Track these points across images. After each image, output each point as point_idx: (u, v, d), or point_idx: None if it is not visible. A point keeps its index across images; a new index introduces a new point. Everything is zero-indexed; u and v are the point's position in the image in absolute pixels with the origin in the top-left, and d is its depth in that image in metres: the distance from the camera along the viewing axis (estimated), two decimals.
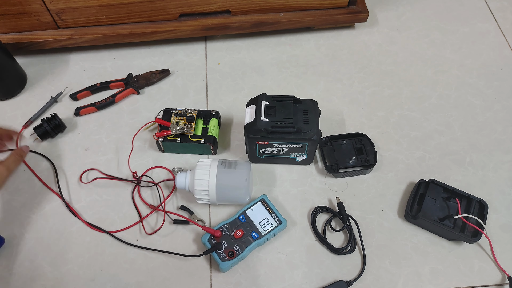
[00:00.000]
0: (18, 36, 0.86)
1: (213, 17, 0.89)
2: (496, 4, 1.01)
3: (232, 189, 0.69)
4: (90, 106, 0.84)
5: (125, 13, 0.86)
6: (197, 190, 0.69)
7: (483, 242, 0.70)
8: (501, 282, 0.68)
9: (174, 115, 0.78)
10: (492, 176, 0.77)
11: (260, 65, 0.91)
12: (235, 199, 0.70)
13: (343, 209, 0.72)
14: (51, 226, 0.73)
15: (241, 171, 0.69)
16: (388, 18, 0.98)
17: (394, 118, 0.84)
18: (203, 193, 0.69)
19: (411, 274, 0.68)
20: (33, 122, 0.83)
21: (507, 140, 0.81)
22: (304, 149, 0.72)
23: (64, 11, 0.83)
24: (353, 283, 0.67)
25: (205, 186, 0.68)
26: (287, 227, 0.72)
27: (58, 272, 0.69)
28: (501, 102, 0.86)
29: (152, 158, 0.79)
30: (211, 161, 0.70)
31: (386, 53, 0.93)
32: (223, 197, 0.69)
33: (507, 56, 0.92)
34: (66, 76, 0.90)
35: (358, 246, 0.70)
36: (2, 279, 0.68)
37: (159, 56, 0.93)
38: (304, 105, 0.70)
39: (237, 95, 0.87)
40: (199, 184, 0.68)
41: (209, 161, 0.70)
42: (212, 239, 0.68)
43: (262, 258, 0.69)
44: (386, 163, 0.78)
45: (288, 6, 0.89)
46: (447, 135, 0.82)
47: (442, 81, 0.89)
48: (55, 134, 0.81)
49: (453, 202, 0.71)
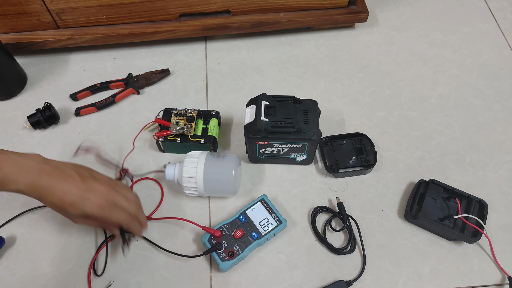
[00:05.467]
0: (18, 36, 0.86)
1: (213, 17, 0.89)
2: (496, 4, 1.01)
3: (219, 177, 0.69)
4: (90, 106, 0.84)
5: (125, 13, 0.86)
6: (185, 177, 0.69)
7: (483, 242, 0.70)
8: (501, 282, 0.68)
9: (174, 115, 0.78)
10: (492, 176, 0.77)
11: (260, 65, 0.91)
12: (223, 188, 0.70)
13: (343, 209, 0.72)
14: (51, 226, 0.73)
15: (229, 162, 0.70)
16: (388, 18, 0.99)
17: (394, 118, 0.84)
18: (190, 180, 0.69)
19: (411, 274, 0.68)
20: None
21: (507, 140, 0.81)
22: (304, 149, 0.72)
23: (64, 11, 0.83)
24: (353, 283, 0.67)
25: (192, 173, 0.68)
26: (287, 227, 0.72)
27: (58, 272, 0.69)
28: (501, 102, 0.86)
29: (152, 158, 0.79)
30: (200, 152, 0.71)
31: (386, 53, 0.93)
32: (211, 187, 0.70)
33: (507, 56, 0.92)
34: (66, 76, 0.90)
35: (358, 246, 0.70)
36: (2, 279, 0.68)
37: (159, 56, 0.93)
38: (304, 105, 0.70)
39: (237, 95, 0.87)
40: (187, 172, 0.69)
41: (199, 152, 0.71)
42: (212, 239, 0.68)
43: (262, 258, 0.69)
44: (386, 163, 0.78)
45: (288, 6, 0.89)
46: (447, 135, 0.82)
47: (442, 81, 0.89)
48: (48, 125, 0.82)
49: (453, 202, 0.71)
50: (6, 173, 0.53)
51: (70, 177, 0.57)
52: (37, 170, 0.55)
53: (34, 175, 0.55)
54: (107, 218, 0.60)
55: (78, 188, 0.57)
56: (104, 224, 0.65)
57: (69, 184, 0.57)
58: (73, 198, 0.57)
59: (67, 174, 0.58)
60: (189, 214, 0.73)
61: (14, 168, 0.54)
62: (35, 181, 0.55)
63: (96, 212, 0.58)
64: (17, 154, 0.56)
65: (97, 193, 0.58)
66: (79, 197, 0.57)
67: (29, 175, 0.54)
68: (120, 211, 0.61)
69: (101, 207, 0.58)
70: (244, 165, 0.78)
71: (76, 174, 0.58)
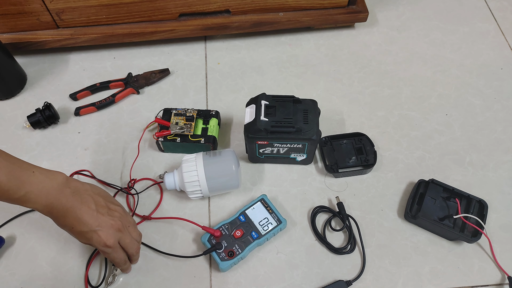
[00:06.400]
0: (18, 36, 0.86)
1: (213, 17, 0.89)
2: (496, 4, 1.01)
3: (221, 173, 0.69)
4: (90, 106, 0.84)
5: (125, 12, 0.86)
6: (188, 183, 0.68)
7: (483, 242, 0.70)
8: (501, 282, 0.68)
9: (174, 115, 0.78)
10: (492, 176, 0.77)
11: (260, 65, 0.91)
12: (227, 184, 0.70)
13: (343, 209, 0.72)
14: (51, 226, 0.72)
15: (227, 157, 0.70)
16: (388, 18, 0.98)
17: (394, 118, 0.84)
18: (194, 184, 0.69)
19: (411, 273, 0.68)
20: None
21: (507, 140, 0.81)
22: (304, 149, 0.72)
23: (64, 10, 0.83)
24: (353, 283, 0.67)
25: (194, 177, 0.68)
26: (287, 227, 0.72)
27: (58, 272, 0.69)
28: (501, 102, 0.86)
29: (152, 158, 0.79)
30: (195, 155, 0.71)
31: (386, 53, 0.93)
32: (215, 185, 0.70)
33: (507, 56, 0.92)
34: (66, 76, 0.90)
35: (358, 246, 0.70)
36: (2, 278, 0.68)
37: (159, 56, 0.93)
38: (304, 105, 0.70)
39: (237, 95, 0.87)
40: (188, 176, 0.68)
41: (194, 155, 0.71)
42: (212, 239, 0.68)
43: (262, 258, 0.69)
44: (386, 163, 0.78)
45: (288, 6, 0.89)
46: (447, 135, 0.82)
47: (442, 81, 0.89)
48: (48, 125, 0.82)
49: (453, 202, 0.71)
50: (28, 194, 0.54)
51: (86, 205, 0.58)
52: (57, 192, 0.56)
53: (53, 197, 0.56)
54: (105, 255, 0.62)
55: (91, 219, 0.58)
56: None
57: (84, 213, 0.58)
58: (83, 229, 0.58)
59: (85, 200, 0.58)
60: (189, 214, 0.73)
61: (37, 190, 0.54)
62: (53, 203, 0.56)
63: (100, 248, 0.60)
64: (43, 172, 0.56)
65: (107, 231, 0.59)
66: (90, 230, 0.58)
67: (48, 198, 0.55)
68: (120, 252, 0.62)
69: (106, 247, 0.60)
70: (244, 165, 0.78)
71: (93, 203, 0.59)
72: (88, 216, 0.58)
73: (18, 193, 0.53)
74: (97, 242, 0.59)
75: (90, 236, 0.58)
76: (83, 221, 0.57)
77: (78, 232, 0.58)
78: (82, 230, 0.58)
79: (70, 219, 0.57)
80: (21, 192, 0.53)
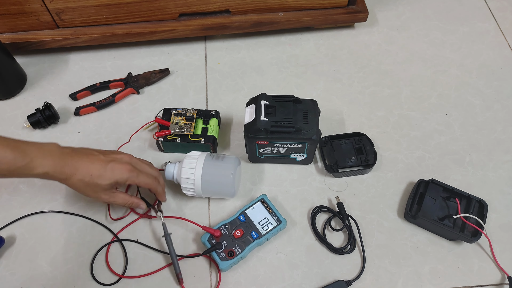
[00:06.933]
0: (17, 36, 0.86)
1: (213, 17, 0.89)
2: (496, 4, 1.01)
3: (217, 179, 0.69)
4: (90, 106, 0.84)
5: (125, 12, 0.86)
6: (183, 178, 0.69)
7: (482, 242, 0.70)
8: (500, 282, 0.68)
9: (174, 114, 0.78)
10: (491, 176, 0.77)
11: (260, 65, 0.91)
12: (221, 190, 0.70)
13: (342, 209, 0.72)
14: (51, 226, 0.73)
15: (228, 164, 0.69)
16: (388, 18, 0.99)
17: (394, 118, 0.84)
18: (189, 182, 0.69)
19: (411, 273, 0.68)
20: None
21: (507, 140, 0.81)
22: (304, 149, 0.72)
23: (64, 10, 0.83)
24: (353, 283, 0.67)
25: (191, 175, 0.68)
26: (287, 226, 0.72)
27: (58, 272, 0.69)
28: (500, 102, 0.86)
29: (152, 158, 0.79)
30: (200, 153, 0.71)
31: (386, 52, 0.93)
32: (209, 189, 0.70)
33: (507, 56, 0.92)
34: (66, 76, 0.90)
35: (357, 245, 0.70)
36: (2, 278, 0.68)
37: (159, 56, 0.93)
38: (303, 105, 0.70)
39: (237, 94, 0.87)
40: (186, 173, 0.69)
41: (199, 153, 0.71)
42: (212, 238, 0.68)
43: (261, 257, 0.69)
44: (385, 163, 0.78)
45: (287, 6, 0.89)
46: (447, 135, 0.82)
47: (441, 80, 0.89)
48: (48, 125, 0.82)
49: (453, 201, 0.71)
50: (33, 157, 0.57)
51: (91, 154, 0.62)
52: (59, 152, 0.59)
53: (58, 156, 0.59)
54: (135, 182, 0.64)
55: (101, 160, 0.62)
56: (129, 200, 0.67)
57: (93, 160, 0.61)
58: (100, 169, 0.61)
59: (87, 152, 0.63)
60: (189, 214, 0.73)
61: (39, 153, 0.57)
62: (61, 161, 0.59)
63: (126, 176, 0.62)
64: (37, 142, 0.59)
65: (121, 161, 0.63)
66: (106, 167, 0.61)
67: (54, 157, 0.58)
68: (145, 174, 0.65)
69: (129, 171, 0.62)
70: (244, 164, 0.78)
71: (95, 151, 0.63)
72: (97, 160, 0.61)
73: (25, 160, 0.56)
74: (119, 172, 0.61)
75: (111, 173, 0.61)
76: (96, 164, 0.61)
77: (97, 176, 0.60)
78: (100, 172, 0.60)
79: (83, 169, 0.60)
80: (27, 159, 0.56)
